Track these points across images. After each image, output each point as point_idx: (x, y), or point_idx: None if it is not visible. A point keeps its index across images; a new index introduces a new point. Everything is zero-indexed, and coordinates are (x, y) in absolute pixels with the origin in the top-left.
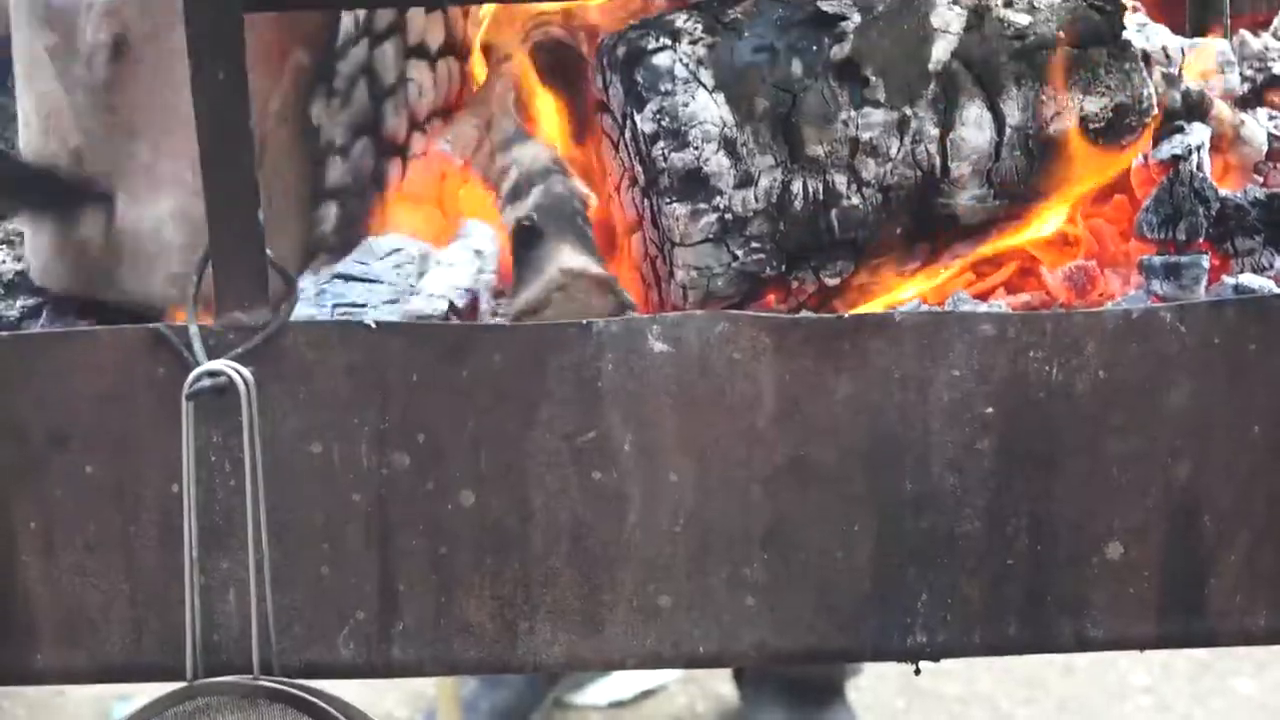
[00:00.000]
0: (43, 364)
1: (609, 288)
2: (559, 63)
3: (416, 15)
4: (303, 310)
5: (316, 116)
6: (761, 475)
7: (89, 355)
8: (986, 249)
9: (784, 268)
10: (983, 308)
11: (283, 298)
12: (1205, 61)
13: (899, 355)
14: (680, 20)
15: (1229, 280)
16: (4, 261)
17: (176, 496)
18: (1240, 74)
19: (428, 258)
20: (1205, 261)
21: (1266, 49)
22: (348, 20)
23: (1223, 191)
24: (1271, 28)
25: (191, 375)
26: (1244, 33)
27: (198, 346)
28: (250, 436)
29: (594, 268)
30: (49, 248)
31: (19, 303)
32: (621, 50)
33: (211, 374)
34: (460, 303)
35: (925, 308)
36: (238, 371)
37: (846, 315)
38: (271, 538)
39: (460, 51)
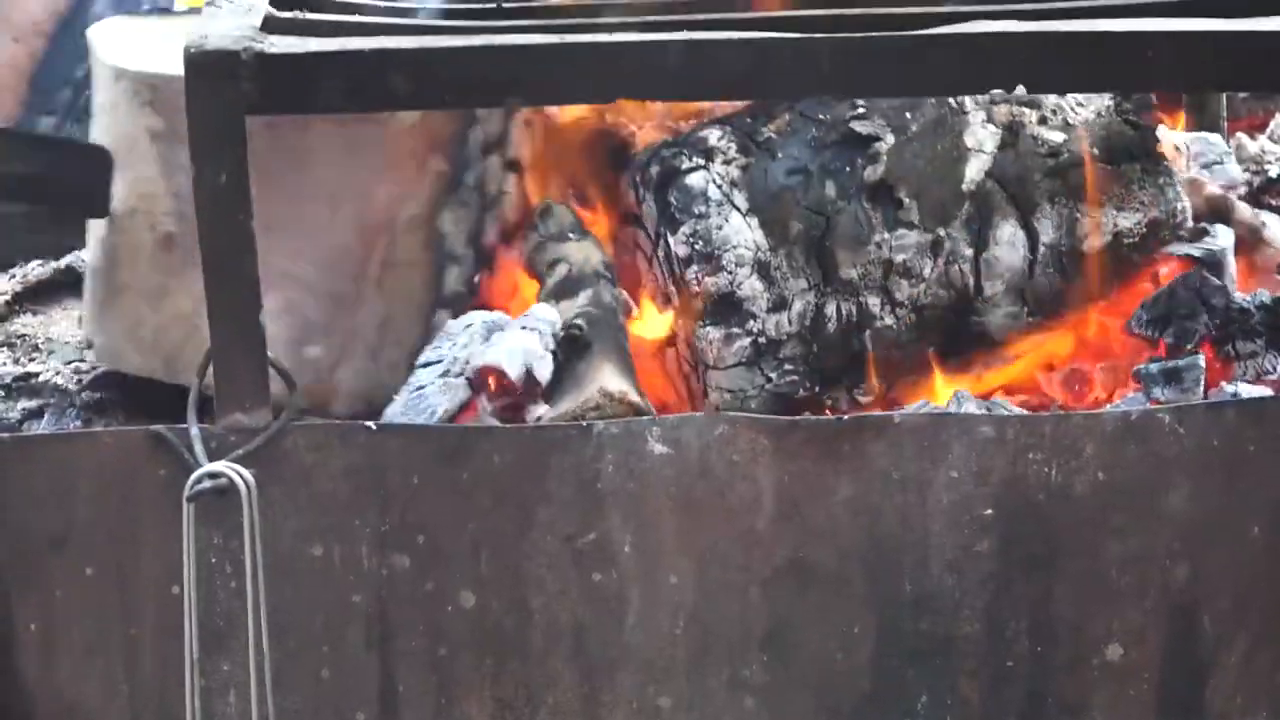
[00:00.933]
0: (44, 466)
1: (642, 415)
2: (607, 155)
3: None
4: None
5: (444, 225)
6: (761, 577)
7: (90, 457)
8: (1017, 365)
9: (817, 388)
10: (982, 409)
11: (285, 400)
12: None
13: (898, 457)
14: (714, 138)
15: (1228, 388)
16: (4, 364)
17: (177, 598)
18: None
19: (495, 326)
20: (1202, 362)
21: (1263, 151)
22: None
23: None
24: (1268, 130)
25: (192, 477)
26: (1241, 135)
27: (199, 448)
28: (251, 538)
29: (633, 395)
30: (122, 332)
31: (20, 405)
32: (655, 170)
33: (212, 475)
34: (513, 374)
35: (925, 409)
36: (239, 473)
37: (846, 417)
38: (272, 639)
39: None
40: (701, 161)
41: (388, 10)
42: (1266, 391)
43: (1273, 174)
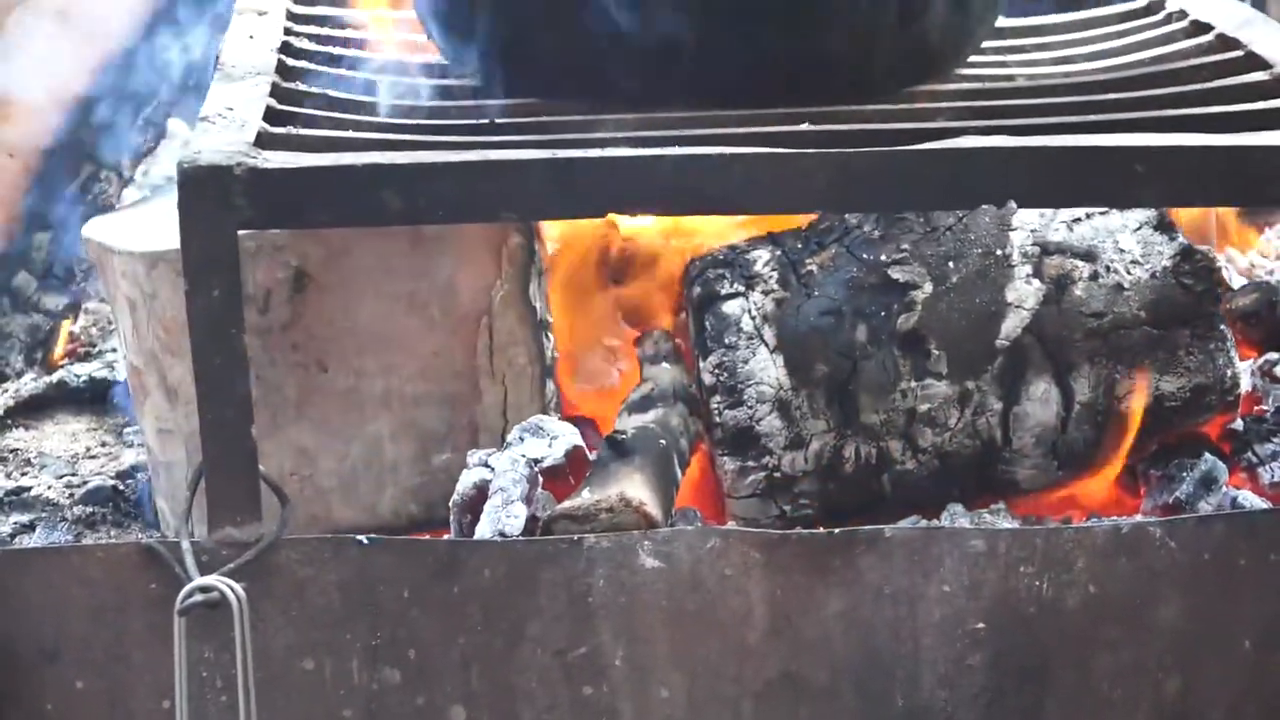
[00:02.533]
0: (36, 579)
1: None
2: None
3: None
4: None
5: (534, 297)
6: (753, 690)
7: (82, 570)
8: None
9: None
10: (974, 523)
11: (277, 513)
12: None
13: (890, 571)
14: (761, 261)
15: (1230, 492)
16: None
17: (169, 712)
18: None
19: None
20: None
21: (1253, 266)
22: None
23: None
24: (1258, 246)
25: (184, 591)
26: (1230, 250)
27: (190, 562)
28: (242, 652)
29: (651, 507)
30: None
31: (11, 519)
32: (697, 291)
33: (204, 589)
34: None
35: (917, 523)
36: (230, 587)
37: (837, 531)
38: None
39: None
40: (742, 288)
41: (381, 125)
42: (1260, 503)
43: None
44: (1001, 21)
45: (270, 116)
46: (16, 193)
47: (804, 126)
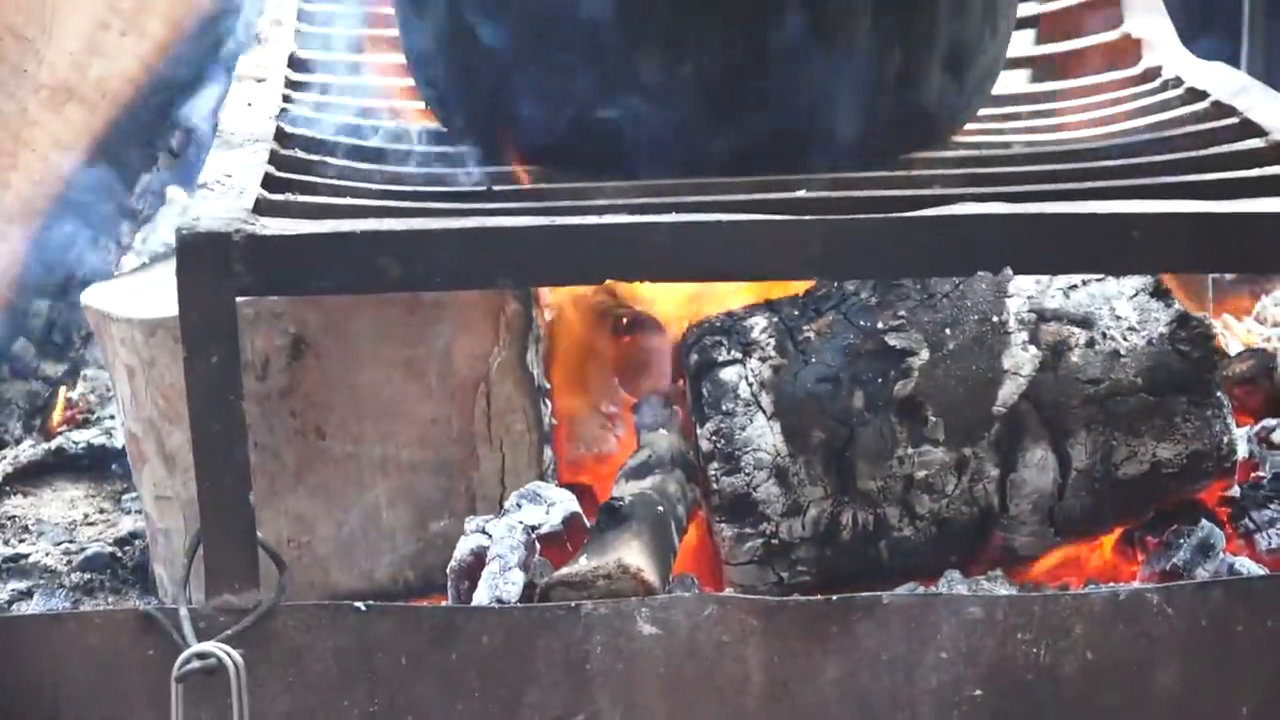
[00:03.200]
0: (34, 646)
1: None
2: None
3: None
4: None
5: (531, 364)
6: None
7: (80, 637)
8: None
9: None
10: (971, 590)
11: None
12: None
13: (887, 637)
14: (759, 328)
15: (1227, 559)
16: None
17: None
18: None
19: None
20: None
21: (1250, 333)
22: None
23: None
24: (1254, 312)
25: (181, 657)
26: (1227, 317)
27: (187, 628)
28: (240, 718)
29: (649, 574)
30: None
31: (9, 586)
32: (694, 357)
33: (201, 656)
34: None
35: (914, 590)
36: (228, 654)
37: (834, 598)
38: None
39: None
40: (739, 355)
41: (379, 192)
42: (1258, 569)
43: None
44: (998, 88)
45: (269, 183)
46: (15, 260)
47: (800, 193)
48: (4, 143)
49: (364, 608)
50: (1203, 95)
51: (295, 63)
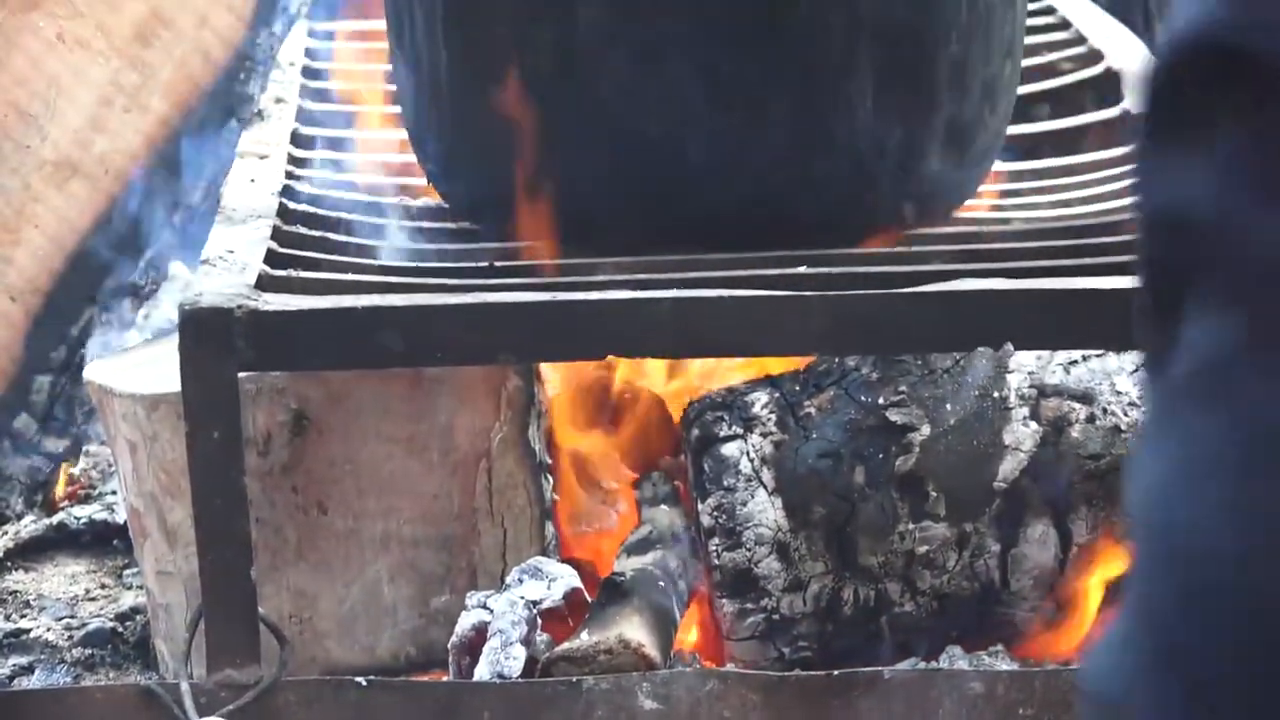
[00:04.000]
0: None
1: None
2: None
3: None
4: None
5: (533, 440)
6: None
7: (81, 712)
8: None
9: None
10: (972, 665)
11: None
12: None
13: (888, 713)
14: (759, 404)
15: None
16: None
17: None
18: None
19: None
20: None
21: None
22: None
23: None
24: None
25: None
26: None
27: (189, 704)
28: None
29: (650, 649)
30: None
31: (10, 661)
32: (695, 433)
33: None
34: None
35: (916, 665)
36: None
37: (836, 673)
38: None
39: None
40: (740, 431)
41: (381, 268)
42: None
43: None
44: (998, 165)
45: (271, 259)
46: (18, 336)
47: (801, 269)
48: (7, 218)
49: (366, 683)
50: None
51: (298, 139)
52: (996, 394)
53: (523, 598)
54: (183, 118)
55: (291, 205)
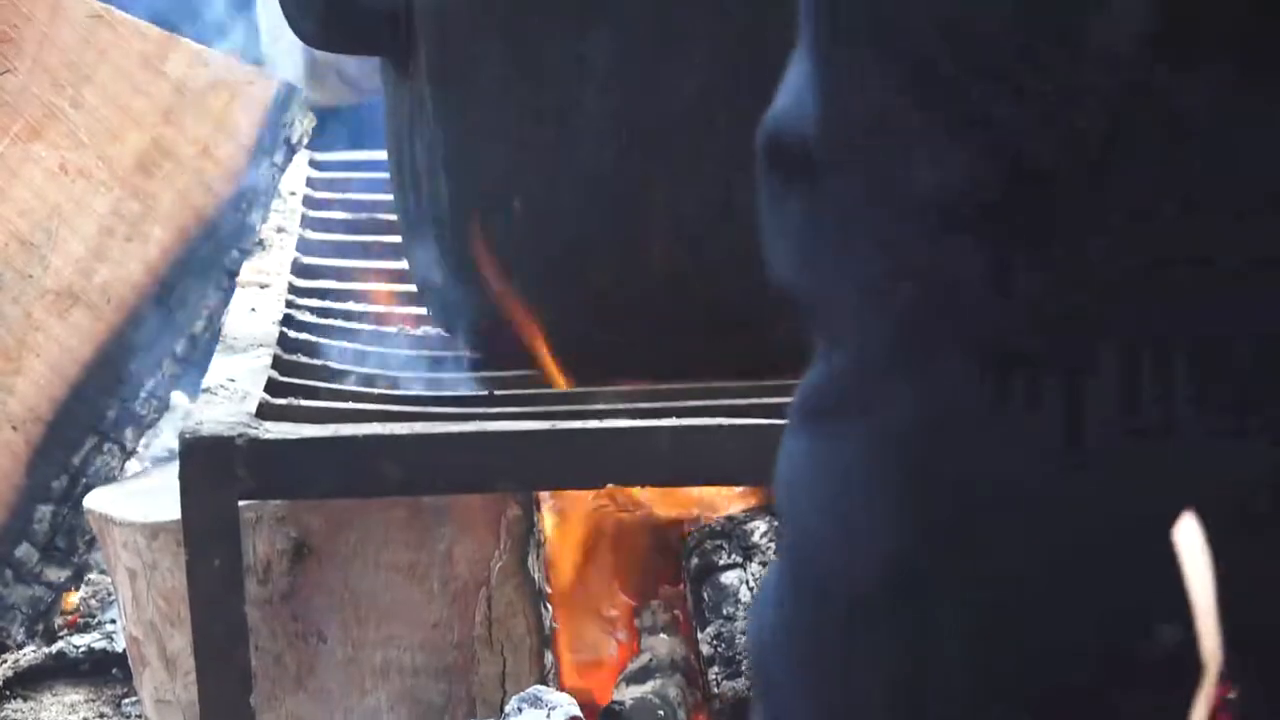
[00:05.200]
0: None
1: None
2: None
3: None
4: None
5: (532, 569)
6: None
7: None
8: None
9: None
10: None
11: None
12: None
13: None
14: (759, 532)
15: None
16: None
17: None
18: None
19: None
20: None
21: None
22: None
23: None
24: None
25: None
26: None
27: None
28: None
29: None
30: None
31: None
32: (694, 561)
33: None
34: None
35: None
36: None
37: None
38: None
39: None
40: (740, 559)
41: (382, 397)
42: None
43: None
44: None
45: (272, 388)
46: (19, 465)
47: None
48: (9, 347)
49: None
50: None
51: (298, 268)
52: None
53: None
54: (185, 247)
55: (292, 334)
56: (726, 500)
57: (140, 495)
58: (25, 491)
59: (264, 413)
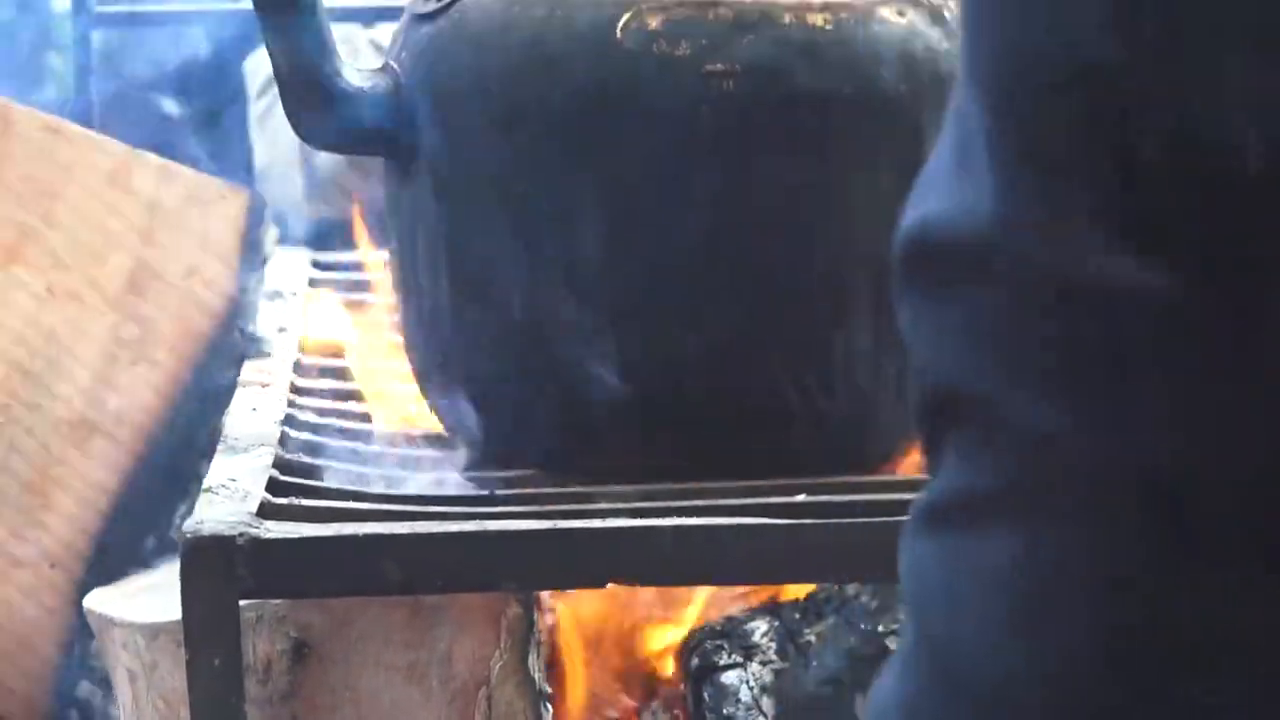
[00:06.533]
0: None
1: None
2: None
3: None
4: None
5: (532, 668)
6: None
7: None
8: None
9: None
10: None
11: None
12: None
13: None
14: (759, 632)
15: None
16: None
17: None
18: None
19: None
20: None
21: None
22: None
23: None
24: None
25: None
26: None
27: None
28: None
29: None
30: None
31: None
32: (695, 661)
33: None
34: None
35: None
36: None
37: None
38: None
39: None
40: (740, 659)
41: (382, 496)
42: None
43: None
44: None
45: (273, 487)
46: (67, 603)
47: (800, 498)
48: (32, 482)
49: None
50: None
51: (300, 368)
52: None
53: None
54: (189, 368)
55: (294, 433)
56: (727, 599)
57: (140, 595)
58: (77, 630)
59: (265, 512)
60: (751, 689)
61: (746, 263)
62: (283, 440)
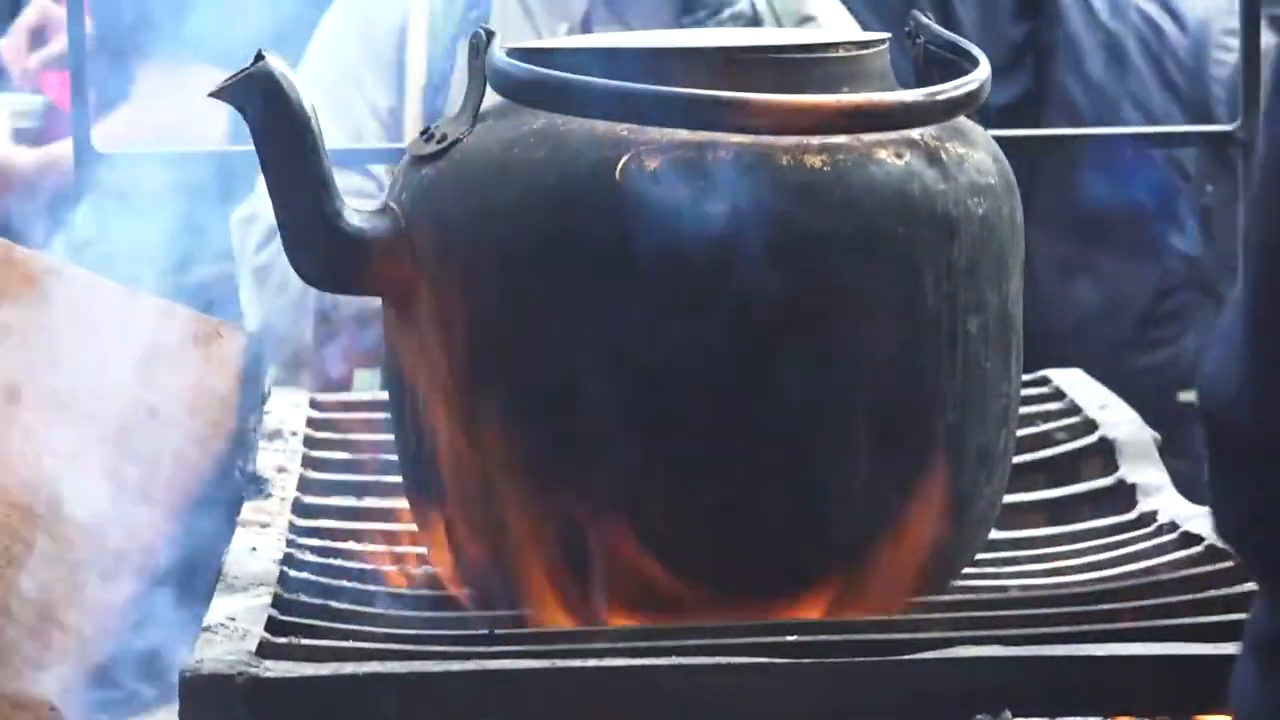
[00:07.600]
0: None
1: None
2: None
3: None
4: None
5: None
6: None
7: None
8: None
9: None
10: None
11: None
12: None
13: None
14: None
15: None
16: None
17: None
18: None
19: None
20: None
21: None
22: None
23: None
24: None
25: None
26: None
27: None
28: None
29: None
30: None
31: None
32: None
33: None
34: None
35: None
36: None
37: None
38: None
39: None
40: None
41: (381, 635)
42: None
43: None
44: (994, 534)
45: (272, 626)
46: None
47: (792, 638)
48: (33, 625)
49: None
50: (1198, 539)
51: (300, 508)
52: None
53: None
54: (191, 507)
55: (293, 573)
56: None
57: None
58: None
59: (265, 651)
60: None
61: (746, 404)
62: (282, 579)
